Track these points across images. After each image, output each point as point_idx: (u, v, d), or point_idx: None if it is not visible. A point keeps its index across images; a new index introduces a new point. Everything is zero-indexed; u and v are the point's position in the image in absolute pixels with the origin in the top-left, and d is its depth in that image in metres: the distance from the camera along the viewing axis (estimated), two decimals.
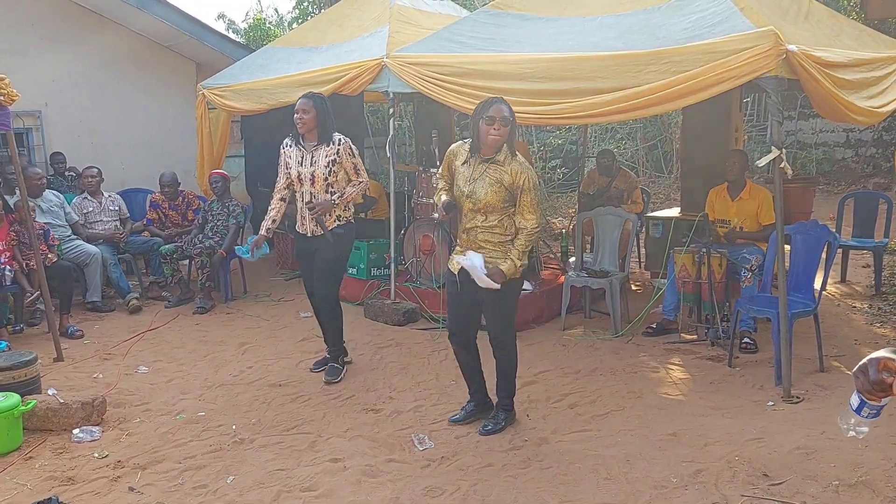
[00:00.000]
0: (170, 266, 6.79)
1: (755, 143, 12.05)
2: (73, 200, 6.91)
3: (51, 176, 7.58)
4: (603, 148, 9.23)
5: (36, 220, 5.97)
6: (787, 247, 4.85)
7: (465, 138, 3.97)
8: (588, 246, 6.68)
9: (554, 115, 4.81)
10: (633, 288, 6.75)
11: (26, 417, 3.93)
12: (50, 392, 4.24)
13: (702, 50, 4.18)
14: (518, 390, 4.47)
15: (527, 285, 5.86)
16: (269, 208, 4.77)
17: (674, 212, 6.92)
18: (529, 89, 4.76)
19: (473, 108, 5.04)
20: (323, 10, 11.34)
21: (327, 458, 3.66)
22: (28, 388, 4.20)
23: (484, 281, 3.59)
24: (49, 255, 5.83)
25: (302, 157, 4.56)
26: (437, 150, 6.19)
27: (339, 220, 4.60)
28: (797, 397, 4.20)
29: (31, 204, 5.76)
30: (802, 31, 4.77)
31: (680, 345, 5.22)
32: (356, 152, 4.62)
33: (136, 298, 6.64)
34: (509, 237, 3.71)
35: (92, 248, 6.55)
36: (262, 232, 4.72)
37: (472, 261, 3.60)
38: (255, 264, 7.67)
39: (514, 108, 4.82)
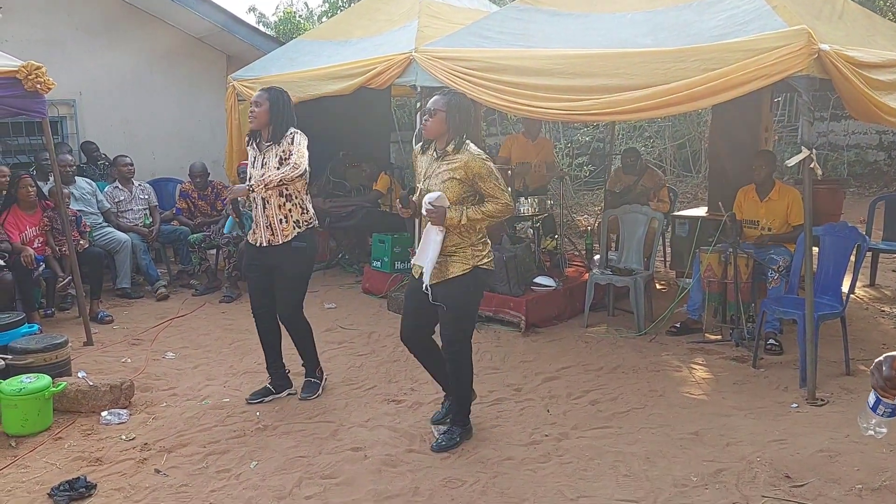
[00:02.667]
0: (198, 255, 6.89)
1: (786, 143, 11.89)
2: (105, 189, 7.03)
3: (83, 164, 7.72)
4: (629, 146, 9.17)
5: (69, 206, 6.09)
6: (816, 248, 4.80)
7: (491, 134, 3.94)
8: (613, 244, 6.65)
9: (582, 111, 4.79)
10: (658, 287, 6.72)
11: (56, 399, 4.03)
12: (80, 375, 4.34)
13: (733, 48, 4.14)
14: (539, 385, 4.52)
15: (550, 282, 5.89)
16: None
17: (700, 211, 6.87)
18: (558, 85, 4.75)
19: (501, 103, 5.12)
20: (352, 4, 11.39)
21: (348, 447, 3.70)
22: (59, 370, 4.31)
23: (425, 200, 3.45)
24: (81, 242, 5.95)
25: (254, 159, 4.11)
26: None
27: (299, 226, 4.07)
28: (822, 400, 4.16)
29: (64, 191, 5.89)
30: (836, 31, 4.71)
31: (704, 345, 5.19)
32: (301, 142, 4.02)
33: (165, 286, 6.76)
34: (470, 240, 3.55)
35: (122, 235, 6.67)
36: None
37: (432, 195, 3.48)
38: None
39: (541, 105, 4.88)
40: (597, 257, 6.37)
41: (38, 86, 4.90)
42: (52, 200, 5.93)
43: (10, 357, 4.14)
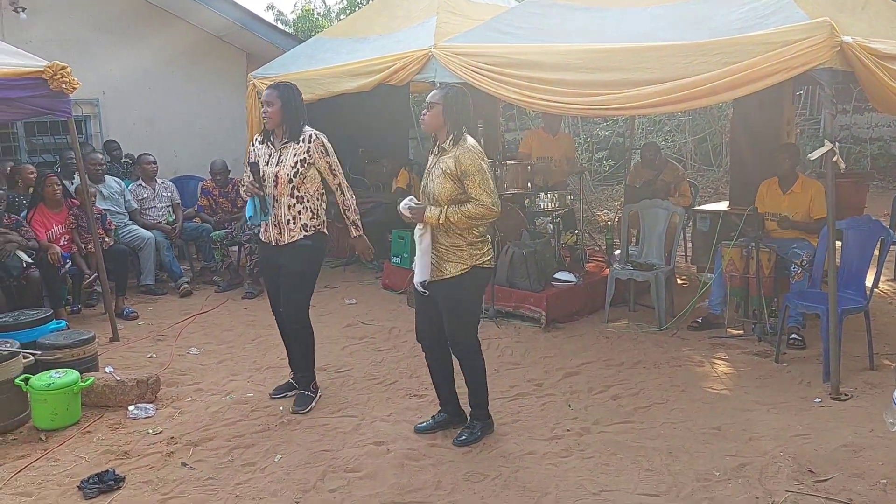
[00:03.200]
0: (220, 252, 6.97)
1: (808, 136, 11.77)
2: (129, 187, 7.14)
3: (107, 162, 7.82)
4: (648, 141, 9.09)
5: (96, 205, 6.18)
6: (839, 242, 4.76)
7: (510, 129, 3.92)
8: (633, 239, 6.64)
9: (601, 106, 4.78)
10: (679, 282, 6.69)
11: (84, 393, 4.10)
12: (107, 370, 4.42)
13: (754, 41, 4.11)
14: (560, 381, 4.53)
15: (570, 277, 5.89)
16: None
17: (722, 205, 6.83)
18: (577, 80, 4.74)
19: (521, 98, 5.12)
20: (371, 1, 11.43)
21: (371, 441, 3.74)
22: (86, 365, 4.39)
23: (402, 207, 3.52)
24: (106, 239, 6.04)
25: (269, 156, 4.05)
26: (482, 141, 6.21)
27: (307, 230, 4.03)
28: (845, 394, 4.13)
29: (92, 189, 5.98)
30: (859, 23, 4.66)
31: (726, 339, 5.17)
32: (330, 150, 4.07)
33: (188, 283, 6.85)
34: (466, 239, 3.47)
35: (146, 232, 6.77)
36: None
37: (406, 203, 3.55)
38: None
39: (561, 99, 4.88)
40: (617, 252, 6.36)
41: (64, 86, 4.97)
42: (79, 198, 6.02)
43: (39, 353, 4.21)
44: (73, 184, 6.58)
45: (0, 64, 4.83)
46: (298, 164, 3.97)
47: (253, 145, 4.21)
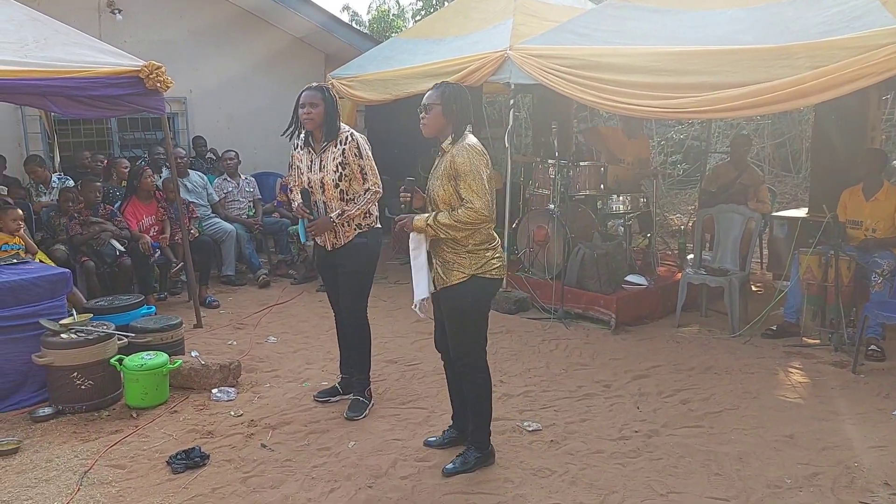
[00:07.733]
0: (296, 246, 7.21)
1: (893, 143, 11.31)
2: (215, 181, 7.47)
3: (192, 158, 8.19)
4: (740, 133, 8.77)
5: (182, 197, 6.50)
6: None
7: (582, 129, 3.87)
8: (707, 244, 6.55)
9: (679, 109, 4.78)
10: (753, 289, 6.57)
11: (172, 375, 4.34)
12: (193, 354, 4.66)
13: (839, 45, 4.05)
14: (628, 383, 4.53)
15: (642, 280, 5.87)
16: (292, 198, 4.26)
17: (800, 212, 6.67)
18: (654, 83, 4.75)
19: (597, 100, 5.14)
20: (447, 2, 11.57)
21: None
22: (173, 349, 4.65)
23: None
24: (192, 231, 6.34)
25: (311, 162, 3.99)
26: (556, 142, 6.25)
27: (361, 228, 3.99)
28: None
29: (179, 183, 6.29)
30: None
31: (801, 348, 5.07)
32: (365, 153, 3.93)
33: (266, 274, 7.10)
34: (466, 247, 3.27)
35: (228, 225, 7.07)
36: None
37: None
38: None
39: (636, 102, 4.89)
40: (690, 257, 6.30)
41: (158, 84, 5.25)
42: (166, 191, 6.35)
43: (132, 335, 4.48)
44: (160, 177, 6.93)
45: (101, 63, 5.13)
46: (339, 167, 3.89)
47: (295, 148, 4.11)
